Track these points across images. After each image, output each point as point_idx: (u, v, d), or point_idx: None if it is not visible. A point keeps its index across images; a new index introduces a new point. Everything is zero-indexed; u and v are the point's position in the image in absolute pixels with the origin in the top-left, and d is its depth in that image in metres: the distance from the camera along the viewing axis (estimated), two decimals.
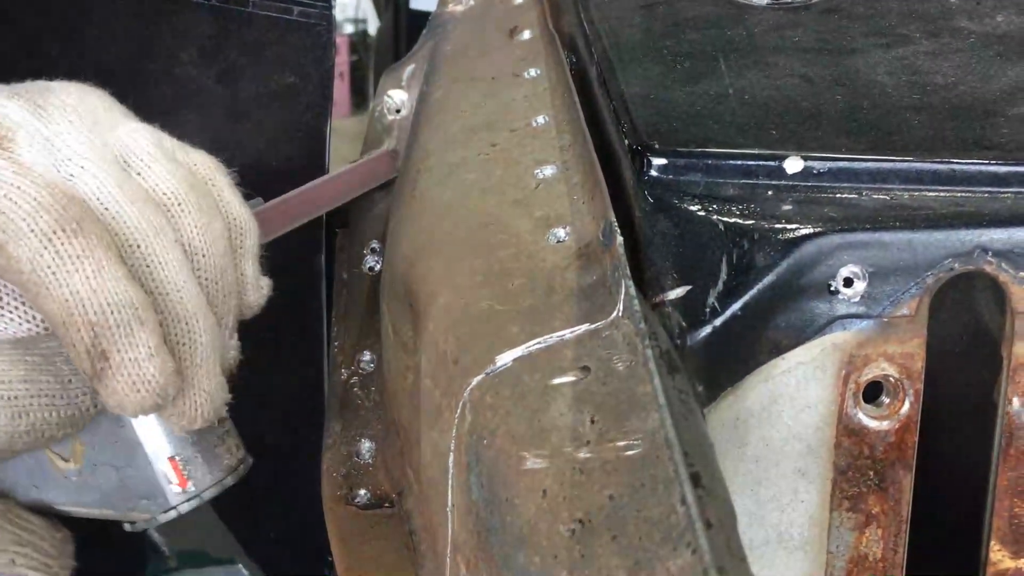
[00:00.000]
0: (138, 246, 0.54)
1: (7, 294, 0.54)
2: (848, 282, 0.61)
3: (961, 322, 0.67)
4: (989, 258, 0.62)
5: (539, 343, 0.57)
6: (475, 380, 0.57)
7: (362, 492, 0.84)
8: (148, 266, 0.54)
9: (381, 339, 0.84)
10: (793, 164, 0.65)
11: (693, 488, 0.44)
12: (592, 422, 0.51)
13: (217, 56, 1.05)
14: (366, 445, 0.86)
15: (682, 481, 0.44)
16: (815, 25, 0.84)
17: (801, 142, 0.67)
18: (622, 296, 0.57)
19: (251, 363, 0.65)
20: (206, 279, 0.57)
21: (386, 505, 0.84)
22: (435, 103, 0.93)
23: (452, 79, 0.95)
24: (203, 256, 0.56)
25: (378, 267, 0.90)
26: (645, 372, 0.52)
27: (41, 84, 0.60)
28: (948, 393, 0.66)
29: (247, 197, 0.64)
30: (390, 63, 1.08)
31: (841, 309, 0.62)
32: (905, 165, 0.65)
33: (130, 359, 0.52)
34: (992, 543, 0.65)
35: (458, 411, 0.58)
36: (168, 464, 0.58)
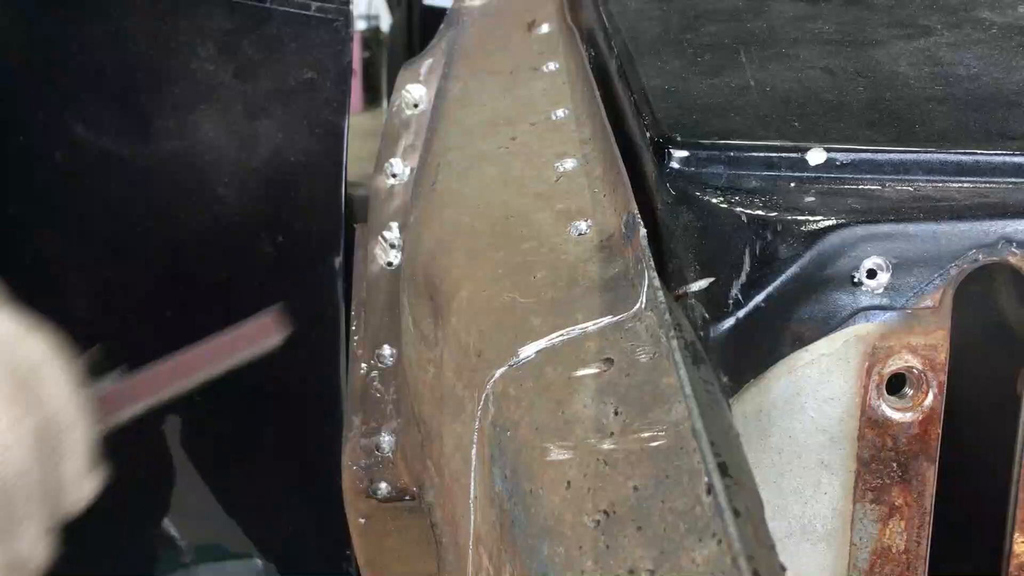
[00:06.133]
0: None
1: None
2: (871, 273, 0.61)
3: (983, 314, 0.67)
4: (1013, 249, 0.61)
5: (562, 335, 0.57)
6: (498, 372, 0.58)
7: (383, 485, 0.84)
8: None
9: (401, 333, 0.84)
10: (815, 156, 0.65)
11: (721, 477, 0.44)
12: (616, 413, 0.51)
13: (235, 52, 1.05)
14: (386, 439, 0.86)
15: (710, 471, 0.44)
16: (836, 16, 0.84)
17: (823, 134, 0.67)
18: (645, 288, 0.56)
19: (271, 359, 0.65)
20: None
21: (407, 498, 0.84)
22: (454, 97, 0.93)
23: (470, 73, 0.95)
24: None
25: (397, 262, 0.90)
26: (669, 363, 0.52)
27: None
28: (971, 385, 0.66)
29: (113, 362, 0.60)
30: (403, 59, 1.08)
31: (864, 301, 0.61)
32: (928, 156, 0.65)
33: None
34: (1016, 535, 0.65)
35: (481, 403, 0.58)
36: None
